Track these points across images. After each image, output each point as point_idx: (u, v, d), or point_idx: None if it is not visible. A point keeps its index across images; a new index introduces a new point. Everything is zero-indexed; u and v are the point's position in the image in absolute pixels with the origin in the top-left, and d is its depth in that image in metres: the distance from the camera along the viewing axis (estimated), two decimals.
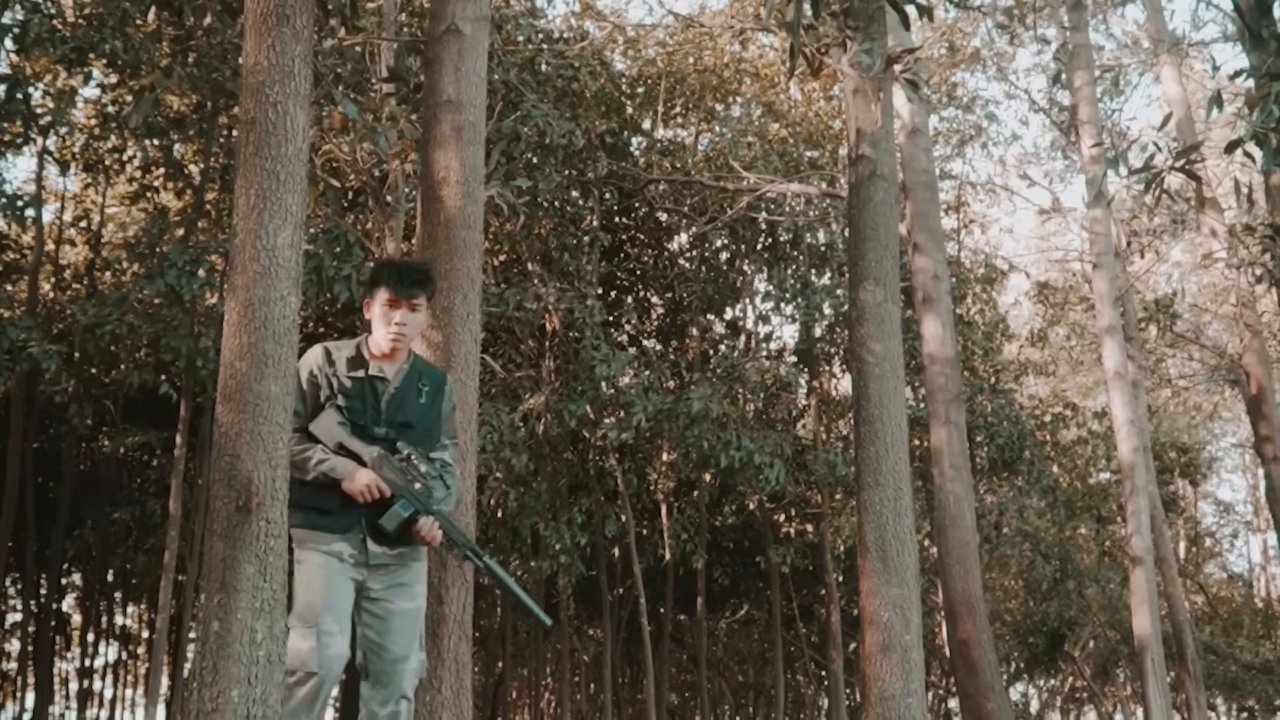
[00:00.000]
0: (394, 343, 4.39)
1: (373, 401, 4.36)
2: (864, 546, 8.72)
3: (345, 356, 4.42)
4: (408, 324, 4.39)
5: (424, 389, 4.47)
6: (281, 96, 4.27)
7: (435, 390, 4.54)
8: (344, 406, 4.32)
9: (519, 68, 14.49)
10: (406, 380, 4.46)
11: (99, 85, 15.29)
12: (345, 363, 4.40)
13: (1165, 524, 18.70)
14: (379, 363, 4.43)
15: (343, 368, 4.38)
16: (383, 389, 4.40)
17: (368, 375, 4.39)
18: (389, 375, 4.43)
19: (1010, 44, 20.22)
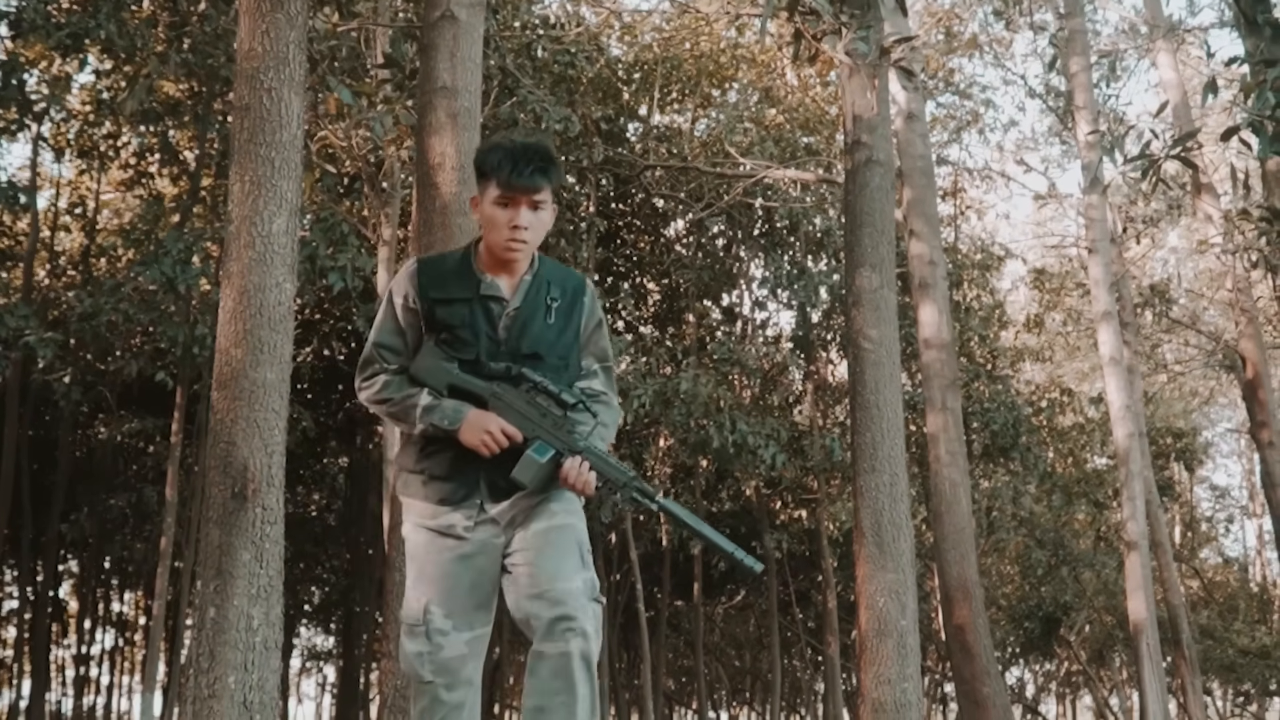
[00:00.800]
0: (510, 253, 3.34)
1: (486, 329, 3.37)
2: (860, 532, 8.75)
3: (446, 272, 3.42)
4: (529, 228, 3.34)
5: (553, 304, 3.43)
6: (276, 82, 4.27)
7: (569, 303, 3.47)
8: (447, 340, 3.37)
9: (515, 53, 14.46)
10: (530, 297, 3.42)
11: (94, 71, 15.26)
12: (446, 281, 3.40)
13: (1161, 509, 18.73)
14: (492, 277, 3.40)
15: (442, 288, 3.38)
16: (498, 311, 3.38)
17: (478, 295, 3.38)
18: (505, 293, 3.40)
19: (1007, 30, 20.19)
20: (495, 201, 3.28)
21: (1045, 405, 20.79)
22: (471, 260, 3.40)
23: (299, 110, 4.28)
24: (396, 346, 3.38)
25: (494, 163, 3.28)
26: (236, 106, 4.29)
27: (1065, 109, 18.75)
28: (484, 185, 3.30)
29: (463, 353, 3.32)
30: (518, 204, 3.27)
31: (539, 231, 3.36)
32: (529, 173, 3.25)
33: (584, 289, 3.48)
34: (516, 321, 3.35)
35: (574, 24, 16.17)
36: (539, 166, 3.28)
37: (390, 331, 3.37)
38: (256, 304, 4.03)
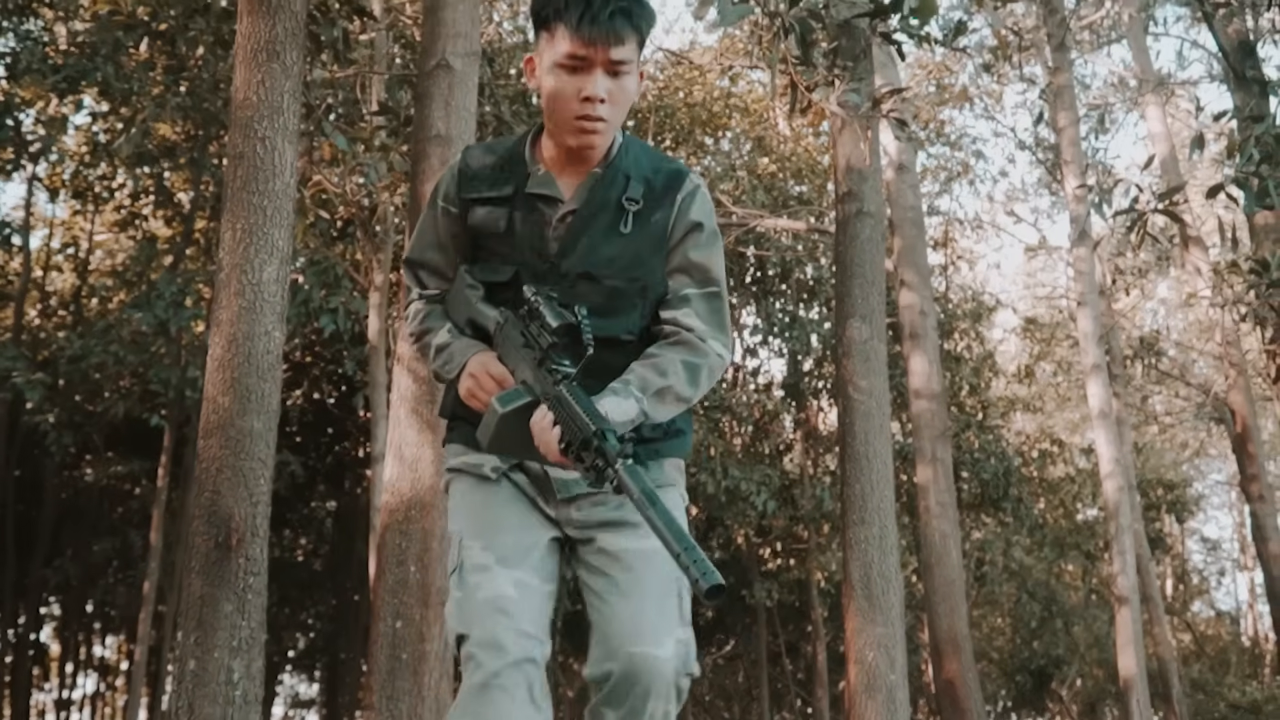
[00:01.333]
0: (582, 135, 2.38)
1: (530, 240, 2.46)
2: (849, 584, 8.71)
3: (492, 163, 2.53)
4: (607, 99, 2.36)
5: (630, 206, 2.45)
6: (270, 131, 4.28)
7: (655, 202, 2.47)
8: (484, 256, 2.53)
9: (510, 100, 14.54)
10: (595, 196, 2.45)
11: (90, 113, 15.31)
12: (489, 174, 2.51)
13: (1152, 562, 18.69)
14: (548, 170, 2.48)
15: (482, 183, 2.51)
16: (549, 215, 2.46)
17: (523, 193, 2.47)
18: (562, 191, 2.47)
19: (996, 83, 20.34)
20: (560, 63, 2.34)
21: (1036, 456, 20.79)
22: (526, 147, 2.52)
23: (292, 159, 4.30)
24: (437, 264, 2.61)
25: (559, 4, 2.33)
26: (230, 154, 4.30)
27: (1054, 162, 18.87)
28: (544, 40, 2.38)
29: (497, 273, 2.49)
30: (591, 65, 2.33)
31: (622, 105, 2.40)
32: (608, 14, 2.31)
33: (680, 181, 2.50)
34: (572, 229, 2.44)
35: None
36: (622, 6, 2.32)
37: (430, 245, 2.60)
38: (245, 352, 4.01)
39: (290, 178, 4.32)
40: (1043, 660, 24.31)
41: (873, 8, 7.93)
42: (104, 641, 26.50)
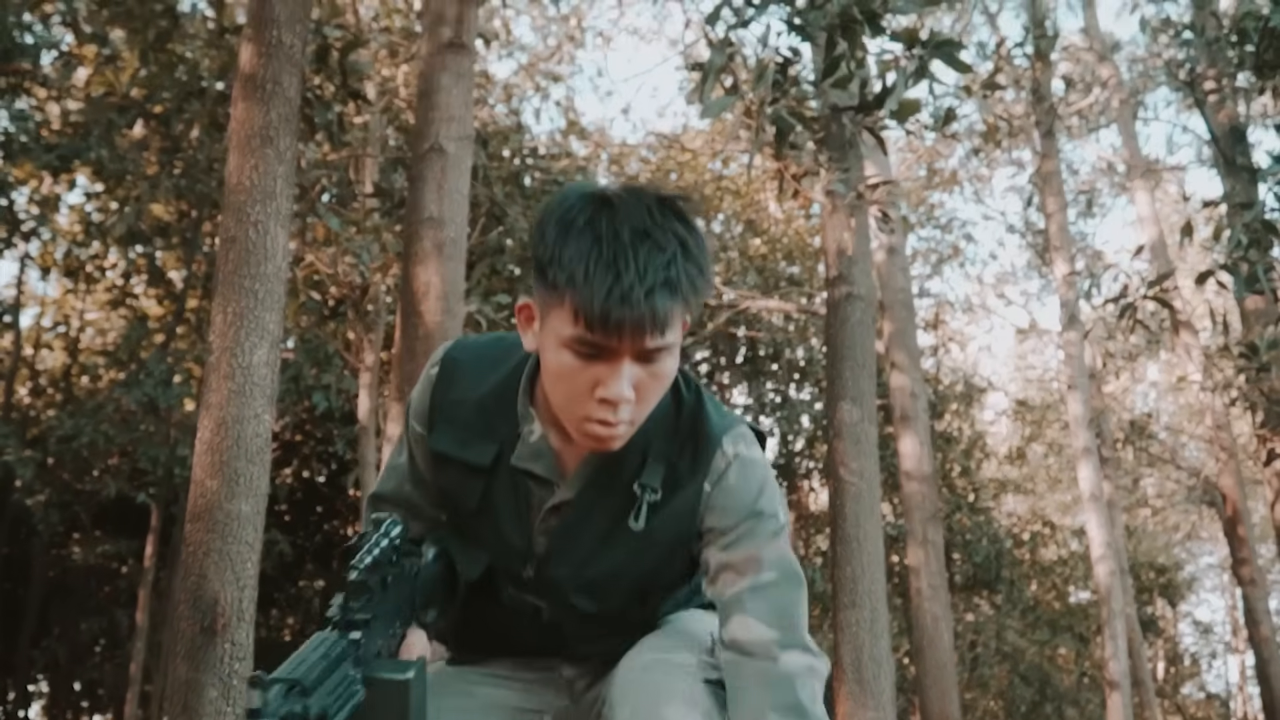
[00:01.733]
0: (594, 442, 1.69)
1: (512, 530, 1.84)
2: (840, 667, 8.65)
3: (478, 399, 1.85)
4: (640, 392, 1.66)
5: (648, 496, 1.77)
6: (263, 216, 4.32)
7: (679, 489, 1.79)
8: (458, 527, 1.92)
9: (504, 182, 14.66)
10: (601, 477, 1.80)
11: (84, 193, 15.41)
12: (468, 417, 1.85)
13: (1144, 644, 18.58)
14: (545, 430, 1.81)
15: (456, 430, 1.85)
16: (539, 498, 1.82)
17: (506, 464, 1.82)
18: (559, 469, 1.81)
19: (986, 168, 20.56)
20: (569, 344, 1.62)
21: (1028, 538, 20.75)
22: (520, 391, 1.82)
23: (285, 243, 4.33)
24: (415, 502, 1.95)
25: (571, 260, 1.59)
26: (223, 238, 4.34)
27: (1043, 246, 19.02)
28: (547, 297, 1.64)
29: (466, 564, 1.88)
30: (616, 355, 1.62)
31: (653, 396, 1.69)
32: (645, 292, 1.57)
33: (709, 453, 1.79)
34: (565, 527, 1.81)
35: (563, 154, 16.43)
36: (666, 278, 1.59)
37: (405, 477, 1.94)
38: (234, 435, 4.01)
39: (282, 261, 4.35)
40: None
41: (856, 103, 8.03)
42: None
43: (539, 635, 1.88)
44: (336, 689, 1.45)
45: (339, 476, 17.59)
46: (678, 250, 1.60)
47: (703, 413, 1.82)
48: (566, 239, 1.60)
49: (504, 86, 16.65)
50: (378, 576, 1.62)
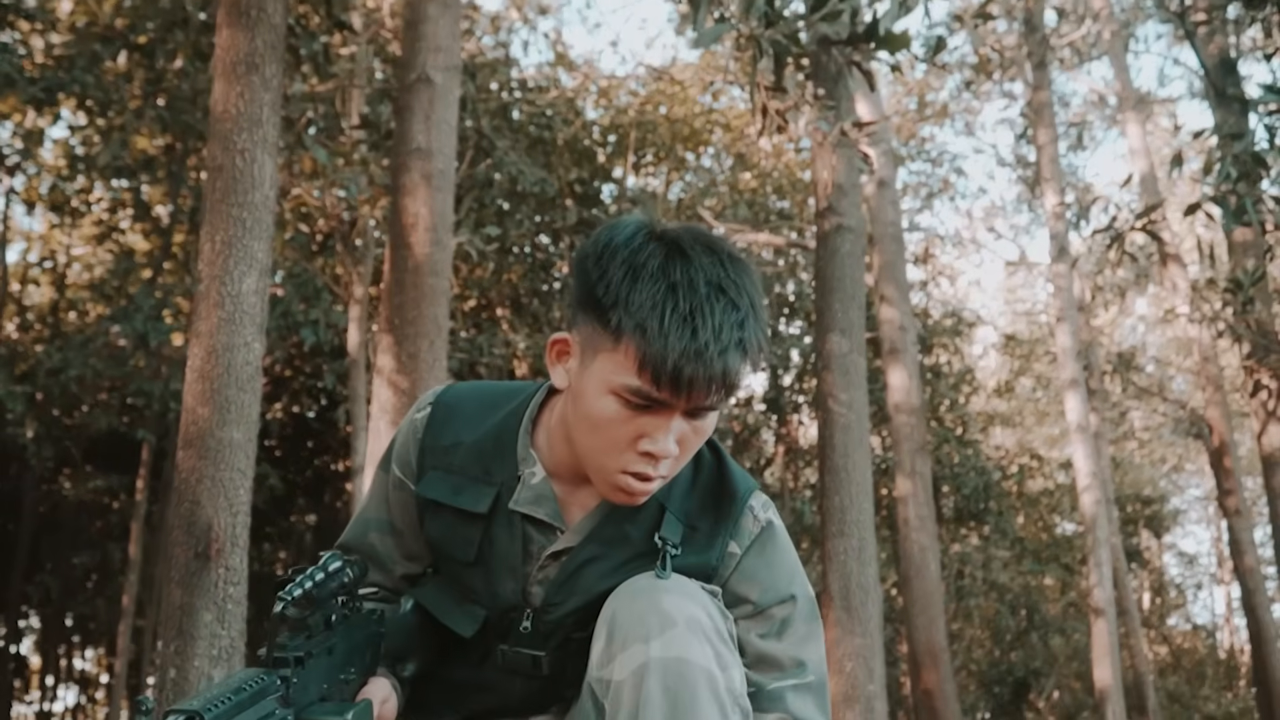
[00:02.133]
0: (623, 496, 1.63)
1: (505, 578, 1.73)
2: (828, 595, 8.73)
3: (474, 442, 1.77)
4: (682, 447, 1.61)
5: (670, 550, 1.67)
6: (250, 144, 4.29)
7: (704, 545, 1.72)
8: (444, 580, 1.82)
9: (491, 115, 14.57)
10: (611, 527, 1.71)
11: (68, 126, 15.29)
12: (462, 459, 1.77)
13: (1129, 575, 18.78)
14: (547, 475, 1.73)
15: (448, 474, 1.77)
16: (539, 544, 1.73)
17: (505, 509, 1.73)
18: (563, 514, 1.73)
19: (977, 100, 20.48)
20: (621, 391, 1.55)
21: (1015, 470, 20.88)
22: (521, 431, 1.75)
23: (272, 171, 4.31)
24: (378, 554, 1.85)
25: (641, 307, 1.52)
26: (210, 167, 4.31)
27: (1034, 178, 18.99)
28: (599, 336, 1.57)
29: (457, 620, 1.75)
30: (670, 410, 1.56)
31: (691, 451, 1.64)
32: (719, 351, 1.52)
33: (737, 526, 1.73)
34: (563, 574, 1.70)
35: (551, 87, 16.32)
36: (740, 339, 1.54)
37: (374, 525, 1.85)
38: (225, 363, 4.02)
39: (270, 190, 4.33)
40: (1021, 672, 24.37)
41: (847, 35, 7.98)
42: (84, 654, 26.36)
43: (528, 687, 1.77)
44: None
45: (329, 411, 17.63)
46: (750, 310, 1.56)
47: (726, 471, 1.76)
48: (636, 283, 1.53)
49: (491, 19, 16.50)
50: (319, 615, 1.53)
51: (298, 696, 1.45)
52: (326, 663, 1.53)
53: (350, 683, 1.59)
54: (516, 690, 1.77)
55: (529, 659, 1.72)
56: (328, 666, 1.53)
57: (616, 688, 1.52)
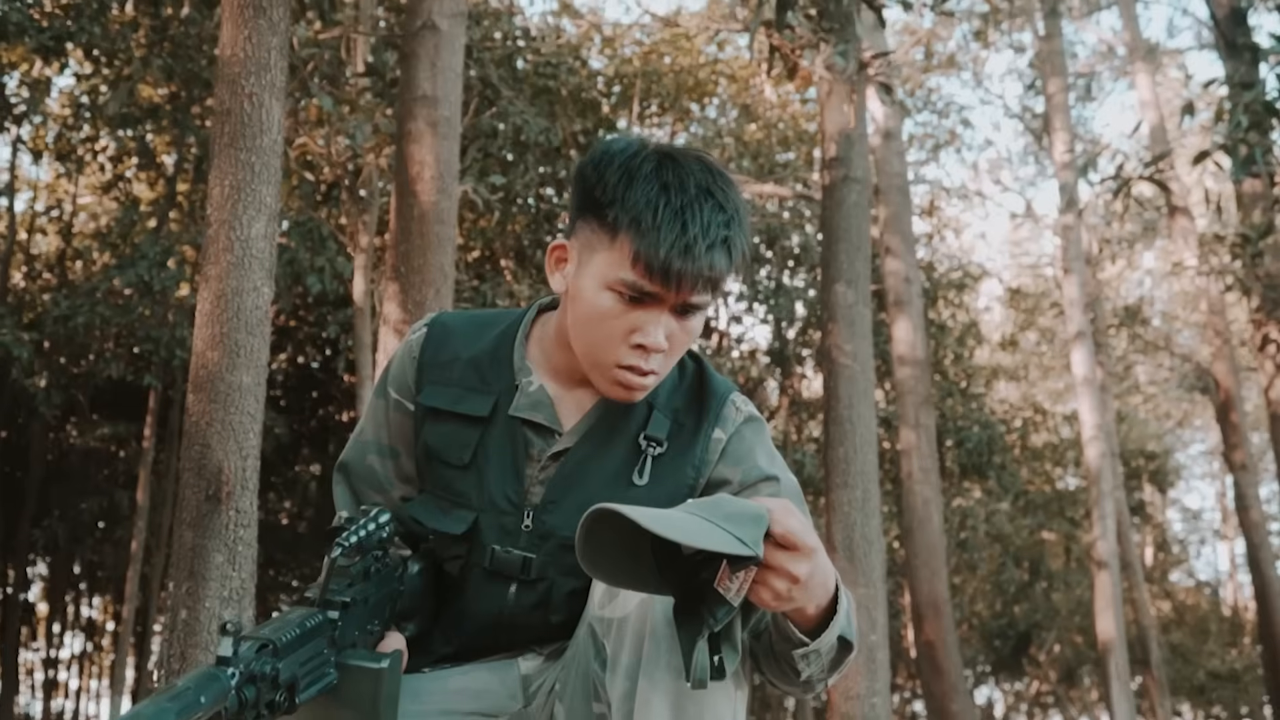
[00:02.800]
0: (621, 390, 1.73)
1: (505, 481, 1.79)
2: (831, 546, 8.78)
3: (470, 357, 1.85)
4: (671, 345, 1.72)
5: (651, 449, 1.77)
6: (257, 88, 4.28)
7: (684, 444, 1.80)
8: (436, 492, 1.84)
9: (496, 64, 14.50)
10: (604, 427, 1.81)
11: (74, 75, 15.25)
12: (459, 372, 1.85)
13: (1133, 529, 18.84)
14: (544, 381, 1.83)
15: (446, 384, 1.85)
16: (538, 448, 1.80)
17: (504, 414, 1.81)
18: (560, 418, 1.82)
19: (985, 49, 20.35)
20: (616, 285, 1.66)
21: (1019, 424, 20.90)
22: (516, 343, 1.86)
23: (279, 116, 4.30)
24: (379, 476, 1.91)
25: (636, 204, 1.64)
26: (217, 111, 4.30)
27: (1042, 129, 18.90)
28: (596, 235, 1.69)
29: (447, 521, 1.79)
30: (660, 303, 1.67)
31: (680, 351, 1.75)
32: (707, 245, 1.64)
33: (719, 414, 1.82)
34: (563, 474, 1.78)
35: (555, 36, 16.23)
36: (726, 236, 1.67)
37: (372, 447, 1.91)
38: (234, 308, 4.03)
39: (277, 134, 4.33)
40: (1023, 626, 24.51)
41: None
42: (91, 602, 26.57)
43: (510, 613, 1.79)
44: (309, 662, 1.45)
45: (332, 361, 17.66)
46: (735, 214, 1.69)
47: (707, 372, 1.87)
48: (632, 184, 1.66)
49: None
50: (360, 565, 1.61)
51: (341, 640, 1.53)
52: (361, 611, 1.60)
53: (373, 634, 1.65)
54: (504, 611, 1.78)
55: (519, 560, 1.76)
56: (361, 615, 1.60)
57: (620, 625, 1.55)
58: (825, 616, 1.55)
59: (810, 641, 1.54)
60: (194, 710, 1.23)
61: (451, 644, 1.84)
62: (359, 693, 1.51)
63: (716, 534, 1.33)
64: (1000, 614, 25.73)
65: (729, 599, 1.38)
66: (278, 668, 1.37)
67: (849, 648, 1.63)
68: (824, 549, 1.45)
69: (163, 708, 1.20)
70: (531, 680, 1.80)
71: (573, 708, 1.67)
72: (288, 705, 1.39)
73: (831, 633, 1.55)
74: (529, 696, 1.80)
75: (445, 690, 1.80)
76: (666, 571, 1.44)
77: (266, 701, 1.36)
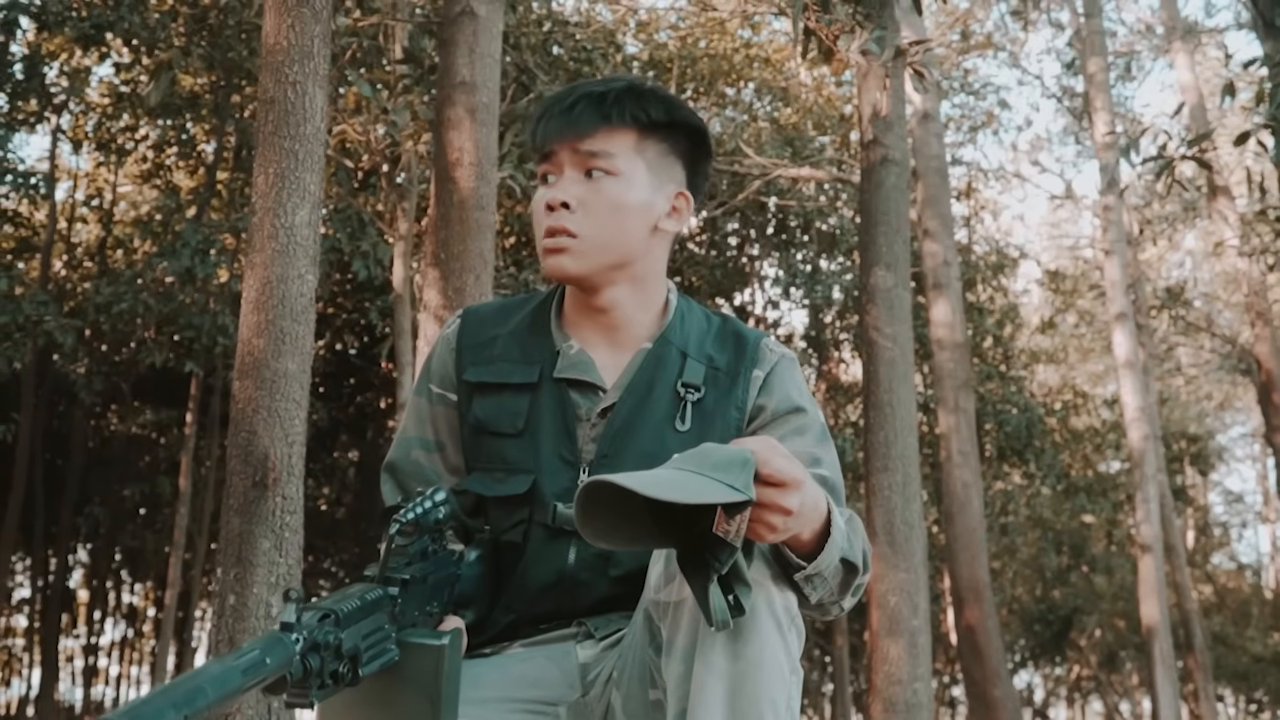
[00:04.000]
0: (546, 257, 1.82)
1: (559, 442, 1.83)
2: (872, 530, 8.75)
3: (506, 333, 1.92)
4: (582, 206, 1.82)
5: (689, 395, 1.83)
6: (301, 76, 4.30)
7: (721, 387, 1.86)
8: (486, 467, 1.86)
9: (532, 50, 14.50)
10: (644, 379, 1.85)
11: (114, 64, 15.36)
12: (501, 348, 1.90)
13: (1174, 513, 18.71)
14: (582, 346, 1.89)
15: (489, 361, 1.90)
16: (585, 409, 1.85)
17: (550, 379, 1.86)
18: (602, 374, 1.87)
19: (1024, 30, 20.18)
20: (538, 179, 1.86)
21: (1059, 407, 20.76)
22: (550, 313, 1.93)
23: (323, 104, 4.32)
24: (426, 471, 1.92)
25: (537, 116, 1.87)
26: (261, 99, 4.32)
27: (1082, 109, 18.73)
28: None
29: (505, 485, 1.82)
30: (557, 166, 1.83)
31: (601, 217, 1.82)
32: (568, 104, 1.82)
33: (753, 351, 1.89)
34: (613, 428, 1.82)
35: (590, 22, 16.21)
36: (589, 92, 1.82)
37: (416, 443, 1.93)
38: (279, 295, 4.05)
39: (321, 122, 4.35)
40: (1064, 610, 24.39)
41: None
42: (132, 588, 26.84)
43: (573, 571, 1.81)
44: (370, 635, 1.46)
45: (371, 348, 17.74)
46: (623, 86, 1.84)
47: (734, 321, 1.97)
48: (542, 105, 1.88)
49: None
50: (418, 544, 1.61)
51: (402, 618, 1.55)
52: (420, 590, 1.61)
53: (432, 615, 1.66)
54: (566, 570, 1.80)
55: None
56: (420, 595, 1.61)
57: (675, 608, 1.56)
58: (821, 540, 1.59)
59: (807, 565, 1.58)
60: (260, 671, 1.25)
61: (512, 611, 1.84)
62: (421, 669, 1.52)
63: (708, 485, 1.38)
64: (1041, 598, 25.61)
65: (730, 541, 1.41)
66: (340, 637, 1.38)
67: (855, 570, 1.66)
68: (810, 478, 1.51)
69: (229, 668, 1.22)
70: (589, 669, 1.80)
71: (629, 694, 1.68)
72: (351, 677, 1.41)
73: (829, 554, 1.59)
74: (586, 685, 1.79)
75: (505, 678, 1.79)
76: (665, 526, 1.48)
77: (330, 671, 1.37)
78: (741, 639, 1.50)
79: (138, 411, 17.62)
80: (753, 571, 1.50)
